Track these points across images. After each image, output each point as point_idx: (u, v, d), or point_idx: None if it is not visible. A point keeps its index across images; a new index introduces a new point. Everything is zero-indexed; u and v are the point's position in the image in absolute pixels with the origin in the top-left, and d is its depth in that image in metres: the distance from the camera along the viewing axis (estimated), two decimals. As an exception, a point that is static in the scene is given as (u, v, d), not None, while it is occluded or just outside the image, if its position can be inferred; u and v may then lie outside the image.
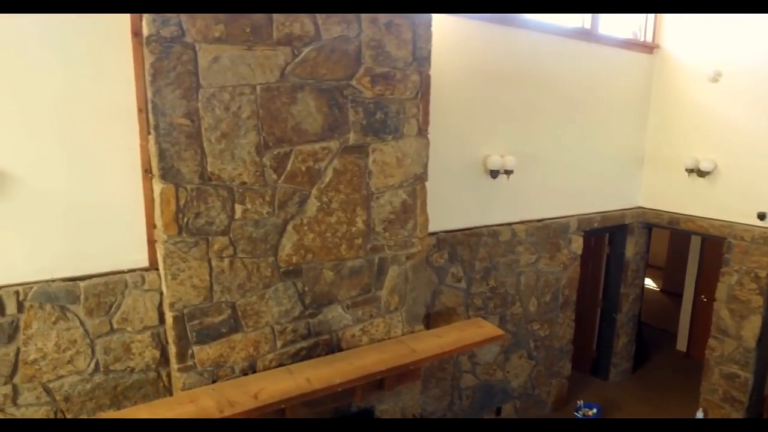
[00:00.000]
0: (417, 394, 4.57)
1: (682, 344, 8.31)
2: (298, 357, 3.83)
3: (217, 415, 3.18)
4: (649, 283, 11.15)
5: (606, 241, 7.02)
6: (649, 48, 6.40)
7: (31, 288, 3.20)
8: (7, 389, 3.21)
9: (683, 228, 6.44)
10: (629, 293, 7.08)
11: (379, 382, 4.02)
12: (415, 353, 4.01)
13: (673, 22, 6.29)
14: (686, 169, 6.21)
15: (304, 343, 3.83)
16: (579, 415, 6.17)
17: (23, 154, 3.08)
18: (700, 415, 6.25)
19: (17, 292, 3.15)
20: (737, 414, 6.05)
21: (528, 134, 5.51)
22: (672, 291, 10.41)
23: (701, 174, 6.10)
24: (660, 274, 11.45)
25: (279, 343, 3.73)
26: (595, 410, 6.21)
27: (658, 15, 6.32)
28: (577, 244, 6.13)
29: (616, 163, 6.52)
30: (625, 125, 6.50)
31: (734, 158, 5.86)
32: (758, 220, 5.68)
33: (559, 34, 5.53)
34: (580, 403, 6.29)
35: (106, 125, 3.31)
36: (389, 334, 4.23)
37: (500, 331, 4.53)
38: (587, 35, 5.82)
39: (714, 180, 6.06)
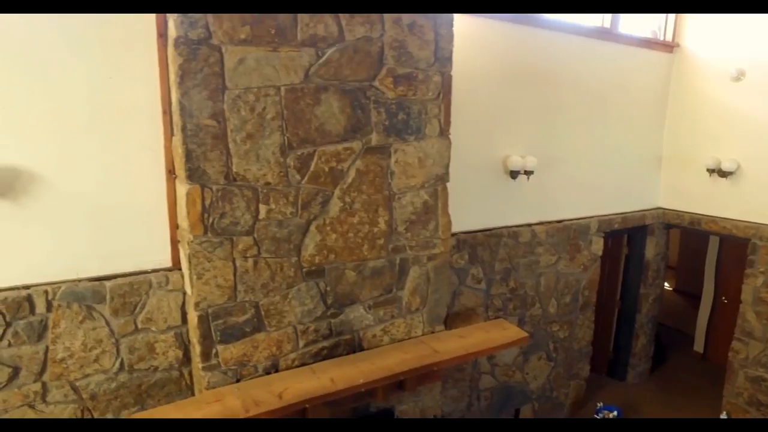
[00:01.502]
0: (437, 395, 4.63)
1: (699, 346, 8.33)
2: (320, 356, 3.89)
3: (242, 415, 3.26)
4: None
5: (624, 241, 7.04)
6: (669, 47, 6.42)
7: (60, 287, 3.28)
8: (37, 386, 3.30)
9: (705, 229, 6.46)
10: (649, 294, 7.11)
11: (400, 383, 4.06)
12: (438, 354, 4.07)
13: (693, 21, 6.31)
14: (707, 170, 6.24)
15: (325, 343, 3.90)
16: (599, 417, 6.19)
17: (51, 156, 3.17)
18: (723, 417, 6.26)
19: (46, 292, 3.24)
20: (761, 415, 6.06)
21: (548, 134, 5.55)
22: (685, 291, 10.42)
23: (723, 174, 6.12)
24: (672, 273, 11.44)
25: (301, 343, 3.80)
26: (615, 413, 6.23)
27: (679, 14, 6.34)
28: (598, 246, 6.16)
29: (635, 163, 6.55)
30: (644, 125, 6.53)
31: (758, 158, 5.87)
32: (784, 221, 5.69)
33: (579, 33, 5.57)
34: (600, 405, 6.31)
35: (131, 127, 3.39)
36: (410, 335, 4.29)
37: (524, 334, 4.58)
38: (607, 34, 5.85)
39: (737, 180, 6.07)
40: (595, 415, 6.24)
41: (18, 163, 3.08)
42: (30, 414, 3.31)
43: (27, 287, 3.22)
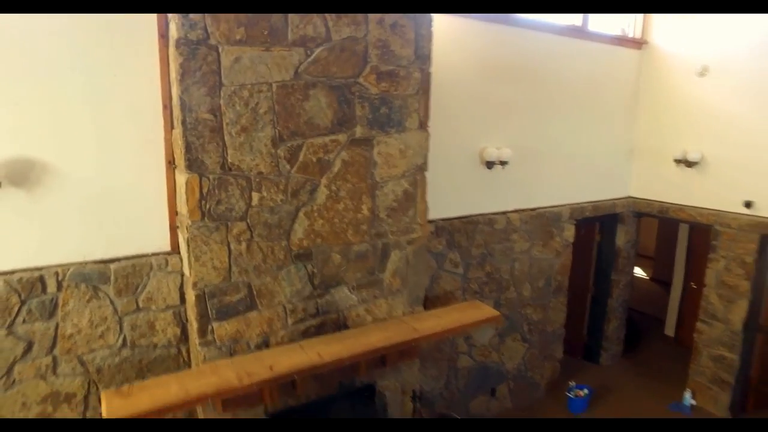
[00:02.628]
0: (416, 372, 5.02)
1: (670, 330, 8.84)
2: (308, 334, 4.26)
3: (236, 384, 3.62)
4: (640, 272, 11.69)
5: (597, 229, 7.48)
6: (638, 44, 6.85)
7: (69, 269, 3.63)
8: (48, 360, 3.65)
9: (672, 216, 6.91)
10: (620, 279, 7.57)
11: (381, 359, 4.46)
12: (417, 332, 4.46)
13: (660, 19, 6.74)
14: (675, 160, 6.69)
15: (313, 321, 4.27)
16: (571, 395, 6.64)
17: (61, 148, 3.51)
18: (688, 395, 6.75)
19: (57, 273, 3.59)
20: (724, 394, 6.55)
21: (523, 127, 5.95)
22: (661, 279, 10.96)
23: (689, 164, 6.57)
24: (650, 263, 11.98)
25: (290, 321, 4.17)
26: (586, 391, 6.68)
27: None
28: (570, 232, 6.59)
29: (608, 155, 6.98)
30: (616, 118, 6.97)
31: (721, 149, 6.32)
32: (745, 208, 6.14)
33: (553, 31, 5.97)
34: (572, 384, 6.77)
35: (134, 121, 3.73)
36: (391, 314, 4.68)
37: (497, 313, 4.99)
38: (579, 32, 6.26)
39: (701, 170, 6.52)
40: (567, 393, 6.69)
41: (31, 155, 3.42)
42: (42, 385, 3.66)
43: (39, 269, 3.56)
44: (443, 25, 4.95)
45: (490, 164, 5.60)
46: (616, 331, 7.87)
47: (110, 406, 3.32)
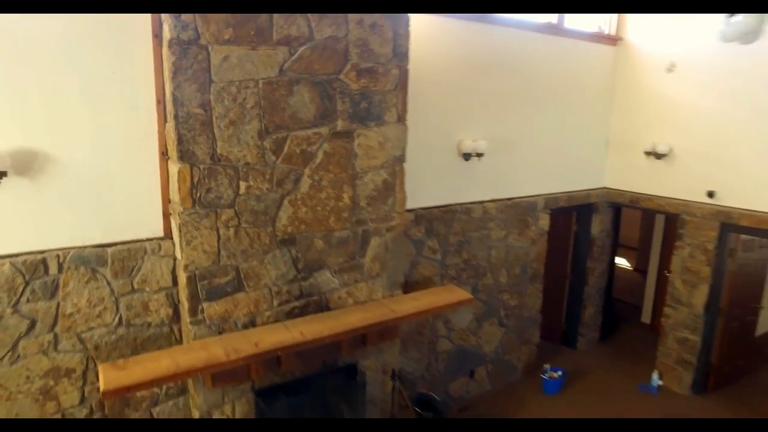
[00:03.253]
0: (396, 352, 5.38)
1: (646, 317, 9.27)
2: (292, 315, 4.61)
3: (224, 359, 3.96)
4: (624, 262, 12.13)
5: (573, 219, 7.86)
6: (613, 40, 7.22)
7: (69, 252, 3.95)
8: (50, 337, 3.97)
9: (643, 206, 7.31)
10: (596, 267, 7.96)
11: (362, 339, 4.81)
12: (394, 313, 4.82)
13: (634, 17, 7.10)
14: (645, 152, 7.08)
15: (297, 303, 4.62)
16: (545, 377, 7.03)
17: (62, 140, 3.81)
18: (655, 376, 7.16)
19: (58, 256, 3.91)
20: (687, 374, 6.96)
21: (500, 120, 6.30)
22: (643, 269, 11.34)
23: (658, 156, 6.96)
24: (634, 254, 12.40)
25: (275, 302, 4.51)
26: (560, 373, 7.07)
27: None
28: (545, 222, 6.97)
29: (583, 147, 7.36)
30: (592, 112, 7.34)
31: (687, 141, 6.71)
32: (707, 198, 6.52)
33: (529, 29, 6.33)
34: (547, 366, 7.16)
35: (130, 115, 4.05)
36: (371, 297, 5.03)
37: (470, 296, 5.37)
38: (555, 30, 6.61)
39: (670, 162, 6.91)
40: (542, 375, 7.07)
41: (34, 147, 3.73)
42: (44, 360, 3.99)
43: (42, 252, 3.87)
44: (422, 23, 5.28)
45: (467, 156, 5.95)
46: (592, 318, 8.27)
47: (107, 378, 3.66)
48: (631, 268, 12.46)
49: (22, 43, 3.57)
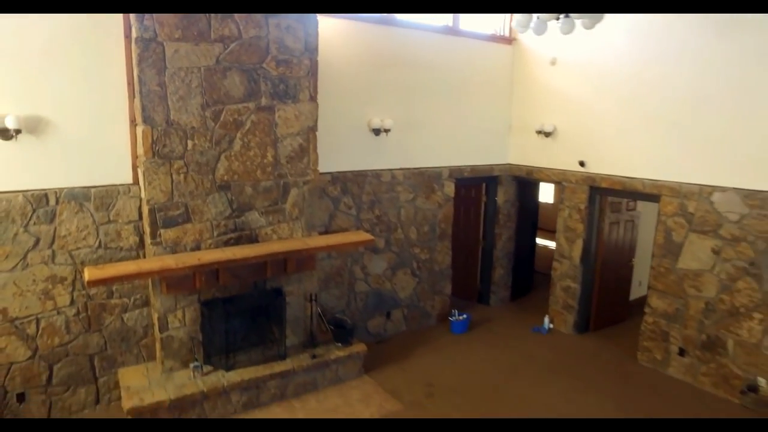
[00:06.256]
0: (315, 282, 7.36)
1: (555, 280, 11.31)
2: (228, 244, 6.58)
3: (173, 266, 5.90)
4: (551, 244, 14.17)
5: (484, 190, 9.92)
6: (509, 40, 9.33)
7: (63, 190, 5.92)
8: (49, 252, 5.93)
9: (536, 177, 9.41)
10: (502, 233, 10.03)
11: (284, 265, 6.79)
12: (308, 245, 6.82)
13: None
14: (536, 131, 9.15)
15: (232, 235, 6.60)
16: (452, 319, 9.04)
17: (60, 109, 5.78)
18: (546, 320, 9.21)
19: (56, 192, 5.88)
20: (571, 317, 9.02)
21: (406, 105, 8.34)
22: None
23: (546, 134, 9.04)
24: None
25: (215, 233, 6.49)
26: (465, 316, 9.09)
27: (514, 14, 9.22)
28: (450, 189, 9.02)
29: (489, 129, 9.48)
30: (496, 100, 9.45)
31: (566, 122, 8.79)
32: (580, 167, 8.60)
33: (430, 30, 8.40)
34: (455, 311, 9.18)
35: (108, 92, 6.02)
36: (292, 236, 7.03)
37: (371, 237, 7.41)
38: (454, 31, 8.70)
39: (554, 138, 8.99)
40: (449, 318, 9.09)
41: (39, 114, 5.69)
42: (45, 269, 5.94)
43: (44, 190, 5.84)
44: (339, 27, 7.35)
45: (376, 131, 7.98)
46: (502, 278, 10.33)
47: (91, 273, 5.60)
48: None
49: (27, 41, 5.56)
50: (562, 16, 5.44)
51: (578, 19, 5.39)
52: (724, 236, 6.80)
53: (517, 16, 5.60)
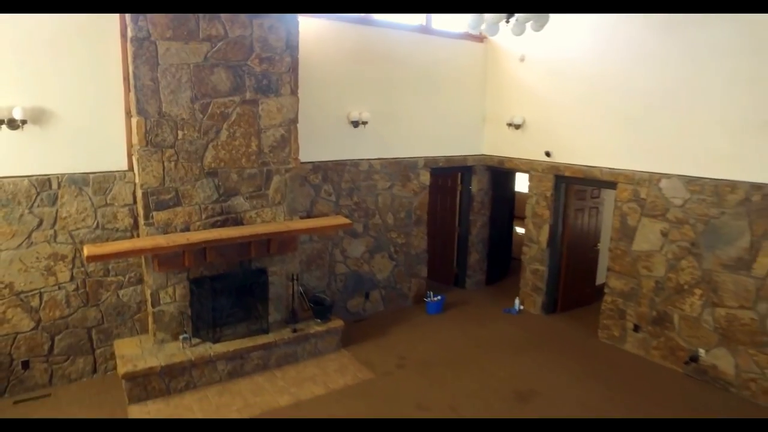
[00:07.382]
0: (296, 263, 8.07)
1: (529, 265, 12.06)
2: (215, 226, 7.28)
3: (164, 244, 6.60)
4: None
5: (459, 179, 10.65)
6: (480, 39, 10.05)
7: (64, 176, 6.61)
8: (51, 232, 6.62)
9: (507, 167, 10.14)
10: (477, 220, 10.77)
11: (267, 246, 7.50)
12: (289, 227, 7.53)
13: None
14: (507, 124, 9.88)
15: (219, 218, 7.31)
16: (427, 300, 9.77)
17: (61, 102, 6.46)
18: (517, 301, 9.96)
19: (58, 177, 6.57)
20: (539, 299, 9.77)
21: (383, 99, 9.05)
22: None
23: (516, 127, 9.76)
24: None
25: (203, 216, 7.19)
26: (439, 297, 9.82)
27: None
28: (425, 177, 9.75)
29: (464, 122, 10.22)
30: (470, 94, 10.19)
31: (533, 115, 9.52)
32: (546, 156, 9.33)
33: (406, 30, 9.11)
34: (430, 293, 9.90)
35: (106, 87, 6.71)
36: (275, 219, 7.73)
37: (349, 221, 8.14)
38: (428, 30, 9.41)
39: (523, 130, 9.72)
40: (425, 299, 9.82)
41: (43, 105, 6.38)
42: (48, 247, 6.64)
43: (47, 175, 6.52)
44: (319, 27, 8.04)
45: (355, 123, 8.69)
46: (478, 263, 11.07)
47: (89, 250, 6.29)
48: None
49: (33, 39, 6.24)
50: (512, 18, 6.06)
51: (526, 22, 6.02)
52: (670, 219, 7.54)
53: (468, 18, 6.20)
